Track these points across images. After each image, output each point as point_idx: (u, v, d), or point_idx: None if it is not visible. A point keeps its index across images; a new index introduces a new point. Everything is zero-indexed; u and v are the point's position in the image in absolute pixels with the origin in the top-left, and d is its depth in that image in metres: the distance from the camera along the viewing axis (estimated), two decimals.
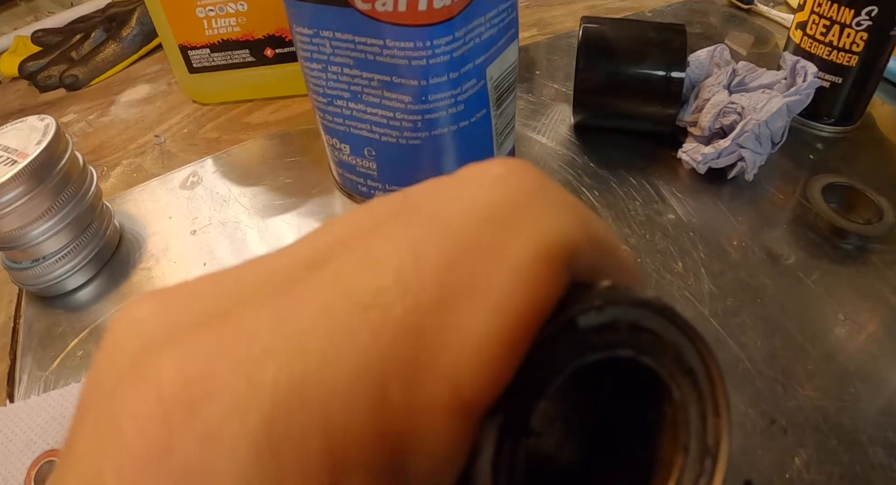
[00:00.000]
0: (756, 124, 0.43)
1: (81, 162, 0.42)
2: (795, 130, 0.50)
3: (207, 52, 0.56)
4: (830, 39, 0.46)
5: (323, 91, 0.40)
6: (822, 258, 0.40)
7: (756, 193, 0.45)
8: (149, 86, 0.65)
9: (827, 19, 0.45)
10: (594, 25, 0.48)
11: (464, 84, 0.37)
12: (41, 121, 0.40)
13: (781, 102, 0.44)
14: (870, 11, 0.43)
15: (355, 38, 0.36)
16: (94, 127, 0.60)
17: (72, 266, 0.42)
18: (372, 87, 0.38)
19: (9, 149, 0.39)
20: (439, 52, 0.35)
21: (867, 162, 0.48)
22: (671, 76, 0.46)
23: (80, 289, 0.43)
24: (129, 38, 0.69)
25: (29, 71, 0.68)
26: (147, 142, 0.57)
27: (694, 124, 0.47)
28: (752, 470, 0.29)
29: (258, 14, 0.54)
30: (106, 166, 0.55)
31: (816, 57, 0.47)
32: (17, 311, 0.42)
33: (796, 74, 0.46)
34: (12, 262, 0.41)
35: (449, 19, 0.34)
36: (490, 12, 0.37)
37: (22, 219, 0.38)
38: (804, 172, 0.47)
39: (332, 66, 0.38)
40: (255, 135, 0.56)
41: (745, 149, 0.44)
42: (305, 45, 0.38)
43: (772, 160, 0.47)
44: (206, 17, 0.54)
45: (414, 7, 0.33)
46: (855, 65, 0.46)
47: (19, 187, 0.37)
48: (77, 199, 0.41)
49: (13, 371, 0.38)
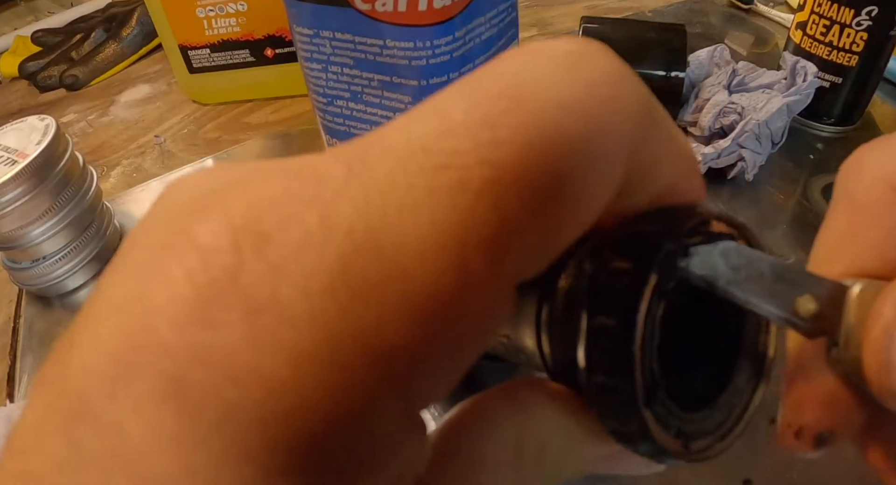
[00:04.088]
0: (756, 124, 0.43)
1: (81, 162, 0.42)
2: (795, 130, 0.50)
3: (207, 52, 0.56)
4: (830, 39, 0.46)
5: (323, 91, 0.40)
6: None
7: (756, 193, 0.45)
8: (149, 86, 0.65)
9: (827, 19, 0.45)
10: (594, 25, 0.48)
11: None
12: (41, 121, 0.40)
13: (781, 102, 0.44)
14: (870, 11, 0.43)
15: (355, 38, 0.36)
16: (94, 127, 0.60)
17: (72, 266, 0.42)
18: (372, 87, 0.38)
19: (9, 149, 0.39)
20: (439, 52, 0.35)
21: None
22: (671, 76, 0.46)
23: (80, 289, 0.43)
24: (129, 38, 0.69)
25: (29, 71, 0.68)
26: (147, 142, 0.57)
27: (694, 124, 0.47)
28: (752, 470, 0.29)
29: (258, 14, 0.54)
30: (106, 166, 0.55)
31: (816, 57, 0.47)
32: (17, 311, 0.42)
33: (796, 74, 0.46)
34: (12, 262, 0.41)
35: (449, 19, 0.34)
36: (490, 12, 0.37)
37: (22, 219, 0.38)
38: (804, 172, 0.47)
39: (332, 66, 0.38)
40: (255, 135, 0.56)
41: (745, 149, 0.44)
42: (305, 45, 0.38)
43: (772, 160, 0.47)
44: (206, 17, 0.54)
45: (414, 7, 0.33)
46: (855, 65, 0.46)
47: (19, 187, 0.37)
48: (77, 199, 0.41)
49: (13, 371, 0.38)
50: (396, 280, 0.09)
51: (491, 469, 0.13)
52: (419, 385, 0.10)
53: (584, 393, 0.12)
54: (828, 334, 0.13)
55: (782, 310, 0.12)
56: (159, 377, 0.09)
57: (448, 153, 0.09)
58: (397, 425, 0.10)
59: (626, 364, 0.11)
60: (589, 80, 0.10)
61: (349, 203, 0.09)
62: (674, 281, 0.12)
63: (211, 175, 0.11)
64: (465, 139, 0.10)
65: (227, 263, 0.09)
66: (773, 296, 0.12)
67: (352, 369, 0.09)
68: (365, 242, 0.09)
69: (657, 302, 0.12)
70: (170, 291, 0.09)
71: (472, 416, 0.13)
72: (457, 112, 0.10)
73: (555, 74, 0.10)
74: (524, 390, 0.14)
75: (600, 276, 0.12)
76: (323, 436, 0.09)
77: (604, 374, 0.12)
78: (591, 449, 0.14)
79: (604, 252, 0.12)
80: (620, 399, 0.12)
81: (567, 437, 0.14)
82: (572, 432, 0.14)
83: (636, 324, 0.11)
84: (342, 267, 0.09)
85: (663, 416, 0.12)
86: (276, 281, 0.09)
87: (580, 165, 0.10)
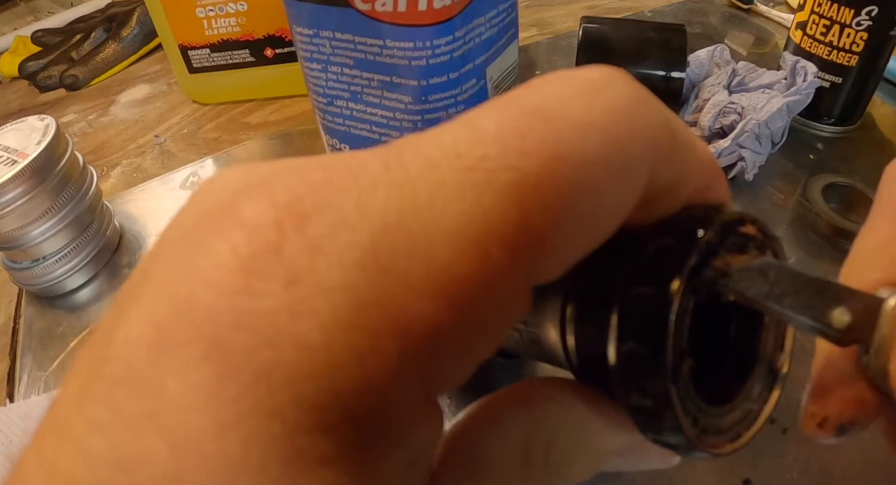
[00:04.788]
0: (756, 124, 0.43)
1: (81, 162, 0.42)
2: (795, 130, 0.50)
3: (207, 52, 0.56)
4: (830, 39, 0.46)
5: (323, 91, 0.40)
6: (822, 258, 0.40)
7: (756, 193, 0.45)
8: (149, 86, 0.65)
9: (827, 19, 0.45)
10: (594, 25, 0.48)
11: (464, 84, 0.37)
12: (41, 121, 0.40)
13: (781, 102, 0.44)
14: (870, 11, 0.43)
15: (355, 38, 0.36)
16: (94, 127, 0.60)
17: (72, 266, 0.42)
18: (372, 87, 0.38)
19: (9, 149, 0.39)
20: (439, 52, 0.35)
21: (867, 162, 0.47)
22: (671, 76, 0.46)
23: (80, 289, 0.43)
24: (129, 38, 0.69)
25: (29, 71, 0.68)
26: (147, 142, 0.57)
27: (694, 124, 0.47)
28: (752, 470, 0.29)
29: (258, 14, 0.54)
30: (106, 166, 0.55)
31: (816, 57, 0.47)
32: (17, 311, 0.42)
33: (796, 74, 0.46)
34: (12, 262, 0.41)
35: (449, 19, 0.34)
36: (490, 12, 0.37)
37: (22, 219, 0.38)
38: (804, 172, 0.47)
39: (332, 66, 0.38)
40: (255, 135, 0.56)
41: (745, 149, 0.44)
42: (305, 45, 0.38)
43: (772, 160, 0.47)
44: (206, 17, 0.54)
45: (414, 7, 0.33)
46: (855, 65, 0.46)
47: (19, 187, 0.37)
48: (77, 199, 0.41)
49: (13, 371, 0.38)
50: (422, 260, 0.10)
51: (498, 469, 0.13)
52: (438, 365, 0.10)
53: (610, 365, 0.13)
54: (860, 343, 0.13)
55: (817, 322, 0.13)
56: (201, 341, 0.09)
57: (478, 157, 0.10)
58: (416, 399, 0.10)
59: (659, 330, 0.12)
60: (610, 103, 0.12)
61: (383, 192, 0.10)
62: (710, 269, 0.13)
63: (253, 167, 0.12)
64: (494, 147, 0.11)
65: (270, 238, 0.10)
66: (808, 309, 0.13)
67: (377, 336, 0.09)
68: (395, 225, 0.10)
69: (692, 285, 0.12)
70: (215, 262, 0.10)
71: (480, 417, 0.14)
72: (489, 124, 0.11)
73: (579, 98, 0.11)
74: (532, 389, 0.14)
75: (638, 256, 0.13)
76: (347, 397, 0.09)
77: (634, 340, 0.12)
78: (604, 441, 0.14)
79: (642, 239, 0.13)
80: (647, 368, 0.12)
81: (578, 432, 0.14)
82: (584, 426, 0.14)
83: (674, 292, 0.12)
84: (373, 244, 0.10)
85: (685, 398, 0.13)
86: (313, 255, 0.10)
87: (599, 179, 0.11)
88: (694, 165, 0.13)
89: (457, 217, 0.10)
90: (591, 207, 0.11)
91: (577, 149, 0.11)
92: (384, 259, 0.10)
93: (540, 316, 0.15)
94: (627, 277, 0.13)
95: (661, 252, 0.13)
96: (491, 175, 0.10)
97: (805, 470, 0.29)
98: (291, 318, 0.09)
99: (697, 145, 0.14)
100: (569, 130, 0.11)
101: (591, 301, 0.14)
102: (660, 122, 0.12)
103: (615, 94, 0.12)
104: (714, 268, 0.13)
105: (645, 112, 0.12)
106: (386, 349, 0.10)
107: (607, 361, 0.13)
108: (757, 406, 0.15)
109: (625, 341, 0.12)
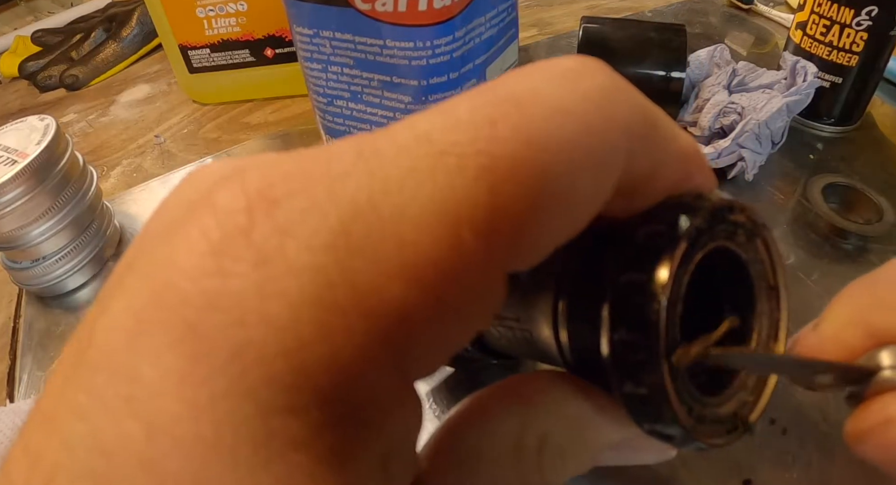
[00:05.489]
0: (756, 124, 0.43)
1: (81, 162, 0.42)
2: (795, 130, 0.50)
3: (207, 52, 0.56)
4: (830, 39, 0.46)
5: (323, 91, 0.40)
6: (822, 258, 0.40)
7: (756, 193, 0.45)
8: (149, 86, 0.65)
9: (827, 19, 0.45)
10: (594, 25, 0.48)
11: (464, 84, 0.37)
12: (41, 121, 0.40)
13: (781, 102, 0.44)
14: (870, 11, 0.43)
15: (355, 38, 0.36)
16: (94, 127, 0.60)
17: (72, 266, 0.42)
18: (372, 87, 0.38)
19: (9, 149, 0.39)
20: (439, 52, 0.35)
21: (867, 162, 0.47)
22: (671, 76, 0.46)
23: (80, 289, 0.43)
24: (129, 38, 0.69)
25: (29, 71, 0.68)
26: (147, 142, 0.57)
27: (694, 124, 0.47)
28: (752, 470, 0.29)
29: (258, 14, 0.54)
30: (106, 166, 0.55)
31: (816, 57, 0.47)
32: (17, 311, 0.42)
33: (796, 74, 0.46)
34: (12, 262, 0.41)
35: (449, 19, 0.34)
36: (490, 12, 0.37)
37: (22, 219, 0.38)
38: (804, 172, 0.47)
39: (332, 66, 0.38)
40: (255, 135, 0.56)
41: (745, 149, 0.44)
42: (305, 45, 0.38)
43: (772, 160, 0.47)
44: (206, 17, 0.54)
45: (414, 7, 0.33)
46: (855, 65, 0.46)
47: (19, 187, 0.37)
48: (77, 199, 0.41)
49: (13, 371, 0.38)
50: (393, 243, 0.10)
51: (490, 464, 0.13)
52: (412, 348, 0.10)
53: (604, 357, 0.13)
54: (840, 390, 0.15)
55: (803, 385, 0.15)
56: (176, 325, 0.09)
57: (450, 143, 0.10)
58: (391, 383, 0.10)
59: (651, 317, 0.12)
60: (584, 91, 0.12)
61: (354, 179, 0.10)
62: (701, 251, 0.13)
63: (232, 160, 0.12)
64: (466, 133, 0.11)
65: (240, 222, 0.10)
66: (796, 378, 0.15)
67: (346, 315, 0.10)
68: (366, 209, 0.10)
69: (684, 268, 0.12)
70: (188, 248, 0.10)
71: (472, 411, 0.14)
72: (462, 111, 0.11)
73: (554, 86, 0.12)
74: (524, 383, 0.14)
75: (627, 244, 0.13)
76: (318, 377, 0.09)
77: (627, 327, 0.12)
78: (598, 435, 0.14)
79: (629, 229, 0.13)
80: (641, 355, 0.12)
81: (572, 426, 0.14)
82: (579, 420, 0.14)
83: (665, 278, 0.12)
84: (343, 228, 0.10)
85: (680, 386, 0.13)
86: (283, 237, 0.10)
87: (573, 165, 0.11)
88: (673, 154, 0.13)
89: (428, 201, 0.10)
90: (565, 193, 0.11)
91: (550, 135, 0.11)
92: (354, 242, 0.10)
93: (532, 313, 0.15)
94: (617, 265, 0.12)
95: (651, 239, 0.12)
96: (462, 160, 0.10)
97: (805, 470, 0.29)
98: (261, 298, 0.09)
99: (678, 135, 0.14)
100: (542, 117, 0.11)
101: (583, 293, 0.14)
102: (635, 110, 0.12)
103: (591, 82, 0.12)
104: None
105: (620, 99, 0.12)
106: (355, 328, 0.10)
107: (601, 353, 0.13)
108: (753, 397, 0.15)
109: (617, 329, 0.12)
